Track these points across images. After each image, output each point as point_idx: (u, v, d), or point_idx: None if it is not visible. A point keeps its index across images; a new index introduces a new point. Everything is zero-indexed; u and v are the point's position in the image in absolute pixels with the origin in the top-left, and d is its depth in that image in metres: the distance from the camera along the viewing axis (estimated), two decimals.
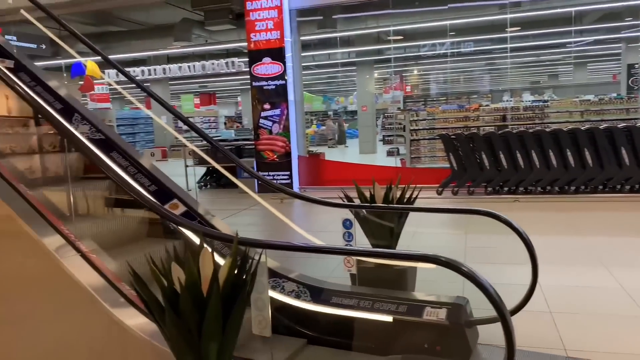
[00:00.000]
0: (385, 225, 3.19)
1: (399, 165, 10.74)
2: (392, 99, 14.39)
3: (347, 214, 3.03)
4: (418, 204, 3.44)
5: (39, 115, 3.93)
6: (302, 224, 4.91)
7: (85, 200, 3.50)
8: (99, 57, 4.80)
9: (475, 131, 8.69)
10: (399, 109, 12.70)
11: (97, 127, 3.58)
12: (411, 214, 3.41)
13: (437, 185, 8.17)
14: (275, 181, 8.08)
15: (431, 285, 3.24)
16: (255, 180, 8.69)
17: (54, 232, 2.63)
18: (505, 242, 3.02)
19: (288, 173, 9.12)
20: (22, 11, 4.85)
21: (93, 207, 3.55)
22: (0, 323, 2.88)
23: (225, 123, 30.03)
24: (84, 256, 2.51)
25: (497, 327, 1.76)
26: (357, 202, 3.40)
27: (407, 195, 3.36)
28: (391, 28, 10.55)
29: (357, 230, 3.23)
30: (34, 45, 11.44)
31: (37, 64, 4.40)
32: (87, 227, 3.04)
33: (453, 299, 2.67)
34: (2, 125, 3.94)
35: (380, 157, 14.72)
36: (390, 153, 12.56)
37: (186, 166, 9.85)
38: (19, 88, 2.84)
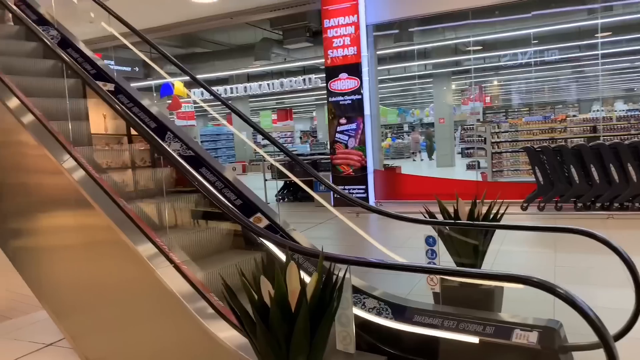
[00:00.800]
0: (470, 242, 3.08)
1: (480, 179, 10.37)
2: (471, 111, 13.98)
3: (429, 230, 2.96)
4: (502, 220, 3.30)
5: (131, 132, 4.26)
6: (380, 239, 4.87)
7: (174, 212, 3.71)
8: (186, 77, 5.05)
9: (562, 143, 8.21)
10: (478, 120, 12.30)
11: (187, 144, 3.80)
12: (496, 231, 3.28)
13: (521, 200, 7.79)
14: (351, 195, 8.11)
15: (518, 306, 3.08)
16: (331, 193, 8.79)
17: (148, 243, 2.80)
18: (599, 262, 2.82)
19: (364, 187, 9.11)
20: (103, 24, 5.21)
21: (181, 219, 3.76)
22: (100, 327, 3.10)
23: (300, 137, 30.66)
24: (176, 267, 2.66)
25: (596, 354, 1.64)
26: (439, 217, 3.33)
27: (493, 212, 3.24)
28: (471, 39, 10.29)
29: (440, 247, 3.15)
30: (128, 68, 12.43)
31: (132, 85, 4.76)
32: (177, 237, 3.22)
33: (545, 321, 2.52)
34: (99, 142, 4.29)
35: (459, 171, 14.30)
36: (470, 166, 12.18)
37: (265, 180, 10.15)
38: (119, 109, 3.08)
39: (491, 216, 3.21)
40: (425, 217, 3.25)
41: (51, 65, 4.37)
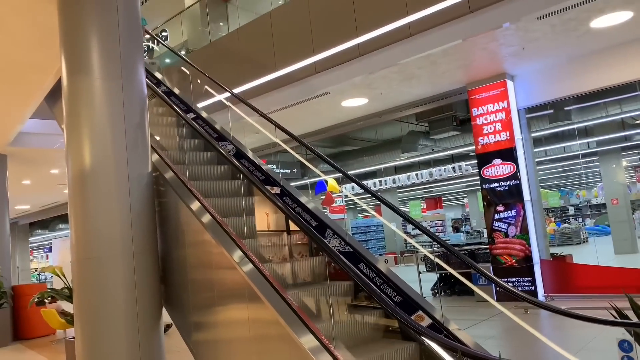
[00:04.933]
0: None
1: None
2: None
3: (622, 333, 2.56)
4: None
5: (290, 227, 4.55)
6: (556, 340, 4.33)
7: (333, 308, 3.77)
8: (338, 174, 5.33)
9: None
10: None
11: (345, 240, 3.93)
12: None
13: None
14: (516, 288, 7.45)
15: None
16: (493, 287, 8.18)
17: (314, 339, 2.86)
18: None
19: (530, 279, 8.32)
20: (268, 134, 5.81)
21: (339, 314, 3.79)
22: None
23: (452, 226, 29.69)
24: None
25: None
26: (629, 315, 2.87)
27: None
28: None
29: (637, 351, 2.69)
30: (288, 170, 13.64)
31: (291, 184, 5.17)
32: (338, 333, 3.24)
33: None
34: (263, 238, 4.65)
35: None
36: None
37: (419, 272, 9.87)
38: (285, 210, 3.36)
39: None
40: (613, 317, 2.83)
41: (237, 186, 4.99)
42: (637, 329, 2.63)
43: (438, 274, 10.25)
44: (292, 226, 4.61)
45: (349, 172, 4.92)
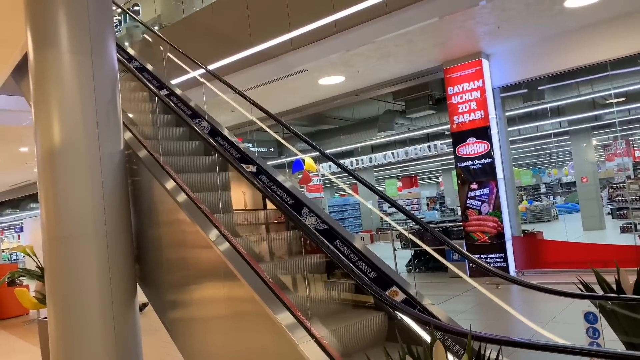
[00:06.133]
0: None
1: (639, 243, 9.14)
2: (618, 167, 12.68)
3: (588, 305, 2.65)
4: None
5: (267, 205, 4.55)
6: (525, 313, 4.48)
7: (307, 282, 3.79)
8: (315, 153, 5.31)
9: None
10: (629, 177, 11.07)
11: (321, 218, 3.94)
12: None
13: None
14: (488, 264, 7.62)
15: None
16: (467, 263, 8.36)
17: (290, 316, 2.88)
18: None
19: (502, 255, 8.53)
20: (244, 112, 5.74)
21: (315, 289, 3.83)
22: None
23: (427, 204, 30.05)
24: (316, 341, 2.68)
25: None
26: (596, 289, 2.97)
27: None
28: (612, 91, 9.52)
29: (602, 323, 2.79)
30: (265, 149, 13.55)
31: (268, 163, 5.14)
32: (315, 310, 3.28)
33: None
34: (240, 216, 4.64)
35: (612, 234, 12.79)
36: (625, 229, 10.84)
37: (394, 249, 10.01)
38: (260, 188, 3.34)
39: None
40: (580, 290, 2.92)
41: (212, 163, 4.94)
42: (602, 302, 2.73)
43: (413, 251, 10.42)
44: (270, 205, 4.60)
45: (326, 151, 4.91)
